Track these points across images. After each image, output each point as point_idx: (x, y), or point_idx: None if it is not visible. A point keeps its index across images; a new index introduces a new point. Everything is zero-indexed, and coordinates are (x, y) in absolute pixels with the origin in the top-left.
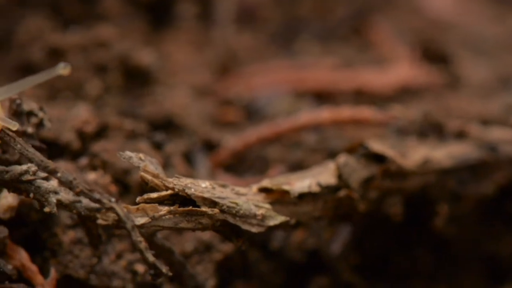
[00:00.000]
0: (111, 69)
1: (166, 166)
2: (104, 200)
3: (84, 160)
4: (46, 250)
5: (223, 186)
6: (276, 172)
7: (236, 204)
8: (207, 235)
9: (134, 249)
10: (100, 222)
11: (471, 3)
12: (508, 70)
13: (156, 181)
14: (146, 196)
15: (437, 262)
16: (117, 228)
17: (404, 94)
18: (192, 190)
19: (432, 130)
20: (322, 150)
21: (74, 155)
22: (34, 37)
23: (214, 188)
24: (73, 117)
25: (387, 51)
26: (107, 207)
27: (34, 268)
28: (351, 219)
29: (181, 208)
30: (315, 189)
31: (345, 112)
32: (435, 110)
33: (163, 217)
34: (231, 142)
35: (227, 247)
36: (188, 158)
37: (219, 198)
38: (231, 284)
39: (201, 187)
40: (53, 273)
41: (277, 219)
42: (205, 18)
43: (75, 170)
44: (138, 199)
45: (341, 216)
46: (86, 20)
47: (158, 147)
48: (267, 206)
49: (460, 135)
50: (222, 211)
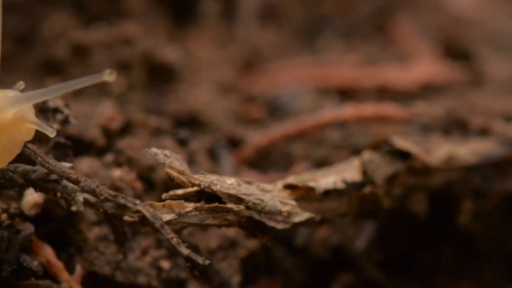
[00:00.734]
0: (135, 66)
1: (191, 162)
2: (129, 205)
3: (109, 157)
4: (72, 247)
5: (249, 183)
6: (301, 168)
7: (262, 200)
8: (232, 232)
9: (161, 245)
10: (127, 218)
11: (493, 0)
12: None
13: (182, 177)
14: (172, 192)
15: (460, 258)
16: (144, 226)
17: (427, 91)
18: (218, 186)
19: (456, 127)
20: (346, 146)
21: (99, 152)
22: (58, 34)
23: (239, 184)
24: (98, 114)
25: (409, 48)
26: (133, 211)
27: (59, 264)
28: (376, 216)
29: (207, 205)
30: (340, 185)
31: (369, 109)
32: (458, 107)
33: (189, 213)
34: (256, 138)
35: (252, 244)
36: (212, 155)
37: (244, 194)
38: (255, 280)
39: (226, 183)
40: (78, 269)
41: (302, 216)
42: (228, 15)
43: (100, 167)
44: (164, 195)
45: (365, 213)
46: (110, 17)
47: (182, 144)
48: (293, 202)
49: (484, 132)
50: (248, 208)
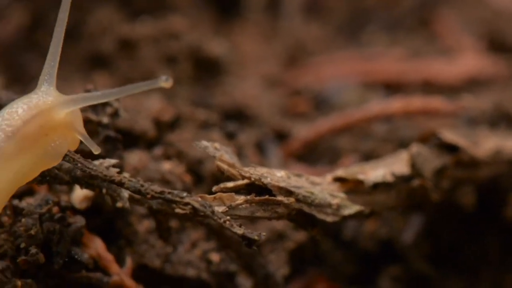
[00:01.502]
0: (182, 60)
1: (239, 156)
2: (177, 199)
3: (158, 150)
4: (122, 240)
5: (298, 176)
6: (348, 162)
7: (312, 193)
8: (280, 225)
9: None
10: (178, 211)
11: None
12: None
13: (232, 170)
14: (222, 185)
15: (507, 251)
16: (196, 216)
17: (472, 84)
18: (268, 179)
19: (502, 120)
20: (392, 140)
21: (149, 145)
22: (105, 28)
23: (289, 177)
24: (147, 107)
25: (453, 42)
26: (183, 203)
27: (110, 257)
28: (423, 209)
29: (257, 197)
30: (389, 178)
31: (416, 102)
32: (504, 100)
33: (240, 206)
34: (303, 132)
35: (300, 236)
36: (260, 148)
37: (294, 187)
38: (303, 273)
39: (276, 176)
40: (128, 262)
41: (352, 209)
42: (273, 9)
43: (149, 160)
44: (214, 188)
45: (413, 206)
46: (155, 11)
47: (230, 137)
48: (342, 195)
49: None
50: (298, 200)
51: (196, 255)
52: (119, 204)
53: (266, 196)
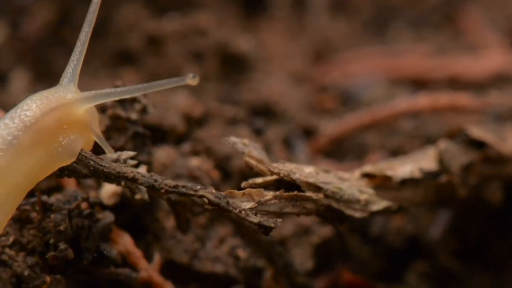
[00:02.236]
0: (209, 56)
1: (266, 152)
2: (191, 192)
3: (187, 146)
4: (150, 235)
5: (327, 172)
6: (375, 158)
7: (340, 189)
8: (306, 220)
9: (238, 234)
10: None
11: None
12: None
13: (261, 166)
14: (251, 181)
15: None
16: (211, 207)
17: (498, 81)
18: (297, 175)
19: None
20: (419, 136)
21: (177, 140)
22: (132, 24)
23: (318, 173)
24: (176, 102)
25: (478, 39)
26: (197, 196)
27: (138, 253)
28: (450, 205)
29: (286, 193)
30: (417, 174)
31: (443, 98)
32: None
33: (269, 202)
34: (330, 128)
35: (325, 231)
36: (287, 144)
37: (323, 183)
38: (329, 268)
39: (305, 172)
40: (157, 258)
41: (380, 205)
42: (299, 5)
43: (177, 156)
44: (243, 184)
45: (441, 202)
46: (182, 8)
47: (258, 133)
48: (370, 191)
49: None
50: (327, 196)
51: (224, 251)
52: (138, 197)
53: (295, 192)
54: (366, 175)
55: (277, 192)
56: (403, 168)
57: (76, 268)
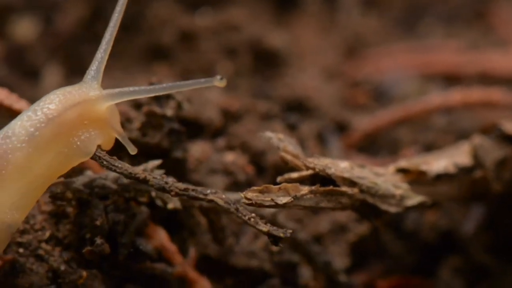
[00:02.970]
0: (242, 52)
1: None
2: (200, 196)
3: (222, 141)
4: (185, 231)
5: (362, 167)
6: (409, 153)
7: (375, 184)
8: (342, 217)
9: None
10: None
11: None
12: None
13: (296, 161)
14: (287, 175)
15: None
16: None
17: None
18: (332, 170)
19: None
20: (452, 131)
21: (213, 135)
22: (164, 20)
23: (353, 168)
24: (211, 98)
25: (509, 34)
26: (207, 201)
27: (173, 248)
28: (484, 200)
29: (322, 188)
30: (451, 169)
31: (475, 94)
32: None
33: (304, 196)
34: (363, 123)
35: (361, 229)
36: (320, 139)
37: (358, 178)
38: (364, 264)
39: (340, 167)
40: (192, 253)
41: (414, 200)
42: (330, 1)
43: (212, 151)
44: (279, 178)
45: (475, 197)
46: (215, 3)
47: (292, 128)
48: (405, 186)
49: None
50: (362, 191)
51: (258, 246)
52: (171, 206)
53: (331, 187)
54: (401, 170)
55: (312, 187)
56: (438, 163)
57: (112, 263)
